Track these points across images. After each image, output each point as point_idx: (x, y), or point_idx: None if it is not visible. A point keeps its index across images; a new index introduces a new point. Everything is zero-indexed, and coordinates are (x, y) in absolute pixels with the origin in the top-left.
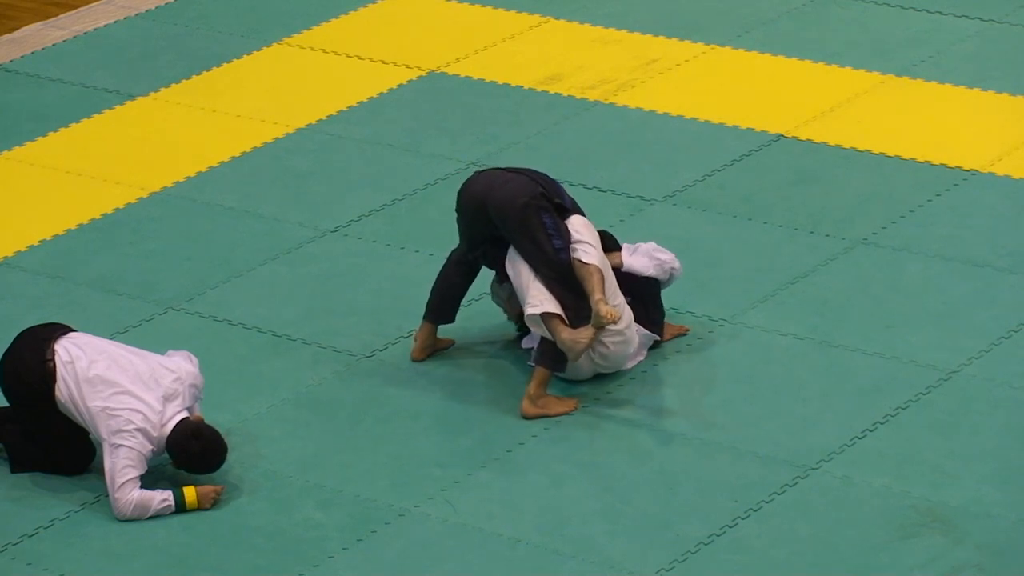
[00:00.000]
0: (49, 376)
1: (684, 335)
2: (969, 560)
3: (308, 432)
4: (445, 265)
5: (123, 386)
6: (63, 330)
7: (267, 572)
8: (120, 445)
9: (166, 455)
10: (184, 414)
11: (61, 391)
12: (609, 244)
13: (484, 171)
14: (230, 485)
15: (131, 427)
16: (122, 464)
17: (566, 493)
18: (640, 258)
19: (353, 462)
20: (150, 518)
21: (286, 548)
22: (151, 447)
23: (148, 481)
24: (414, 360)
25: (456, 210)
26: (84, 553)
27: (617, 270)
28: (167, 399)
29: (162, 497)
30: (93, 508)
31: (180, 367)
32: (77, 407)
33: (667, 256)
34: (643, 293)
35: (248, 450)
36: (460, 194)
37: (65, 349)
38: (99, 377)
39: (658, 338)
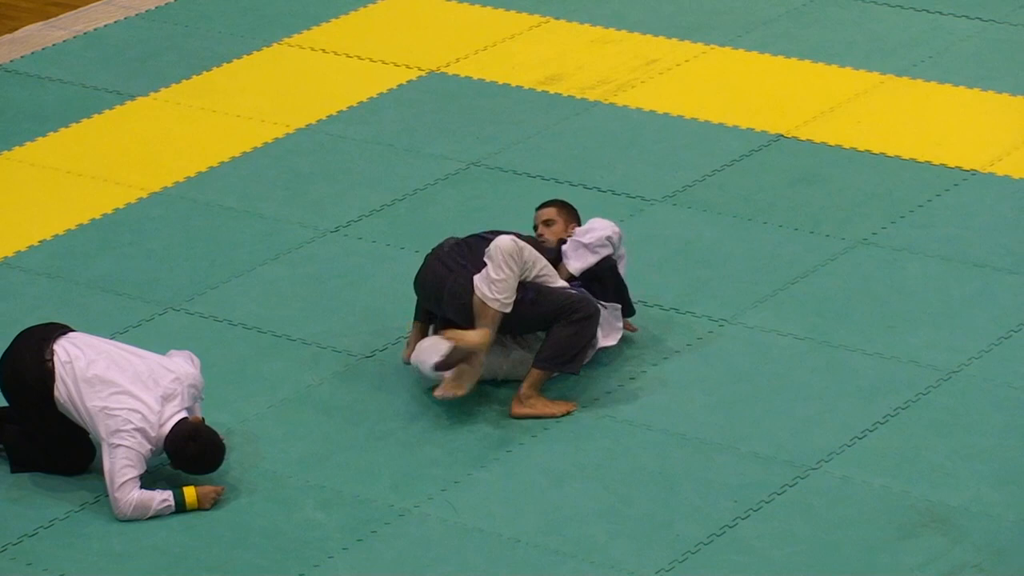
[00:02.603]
0: (48, 376)
1: (633, 332)
2: (969, 560)
3: (308, 432)
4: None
5: (122, 386)
6: (62, 330)
7: (267, 572)
8: (119, 445)
9: (165, 455)
10: (183, 414)
11: (60, 391)
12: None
13: (433, 260)
14: (230, 485)
15: (129, 427)
16: (121, 464)
17: (566, 493)
18: (581, 256)
19: (353, 462)
20: (150, 518)
21: (286, 548)
22: (150, 447)
23: (148, 481)
24: (406, 363)
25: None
26: (84, 553)
27: (573, 278)
28: (166, 399)
29: (162, 497)
30: (93, 508)
31: (179, 367)
32: (76, 407)
33: (594, 237)
34: (603, 276)
35: (248, 450)
36: (416, 280)
37: (64, 349)
38: (98, 377)
39: (618, 307)
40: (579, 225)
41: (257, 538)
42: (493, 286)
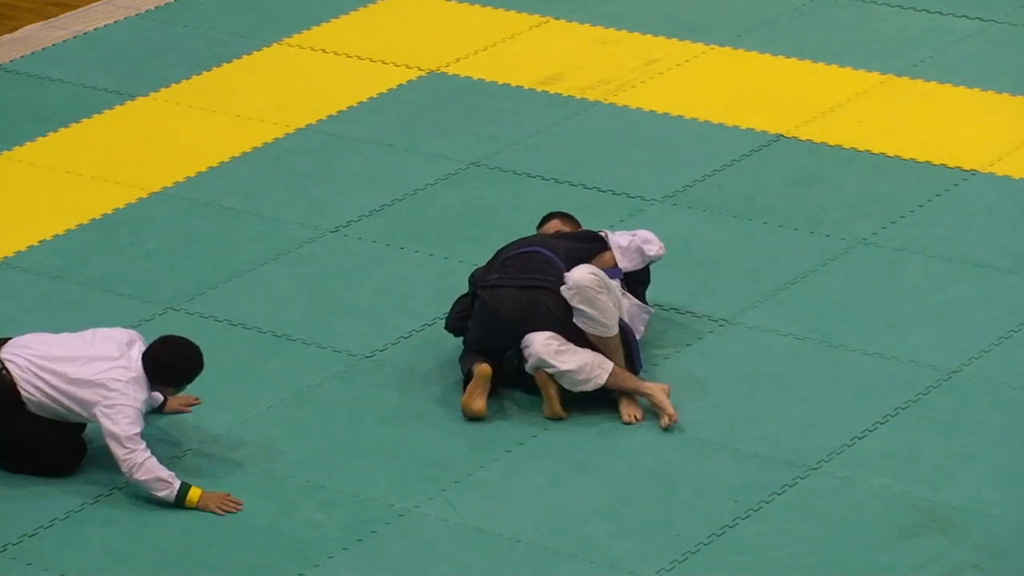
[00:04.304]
0: (10, 385)
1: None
2: (969, 560)
3: (308, 432)
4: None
5: (86, 356)
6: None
7: (267, 572)
8: (114, 404)
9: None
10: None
11: (29, 392)
12: (598, 245)
13: (500, 290)
14: (230, 485)
15: (119, 383)
16: (124, 421)
17: (566, 493)
18: (634, 258)
19: (353, 462)
20: (151, 507)
21: (286, 548)
22: (143, 397)
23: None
24: (473, 417)
25: (486, 327)
26: (84, 553)
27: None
28: (128, 345)
29: (170, 473)
30: (93, 508)
31: (117, 328)
32: (52, 398)
33: (654, 251)
34: (644, 279)
35: (248, 450)
36: (491, 311)
37: (11, 354)
38: (60, 358)
39: (652, 311)
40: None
41: (257, 538)
42: (600, 321)
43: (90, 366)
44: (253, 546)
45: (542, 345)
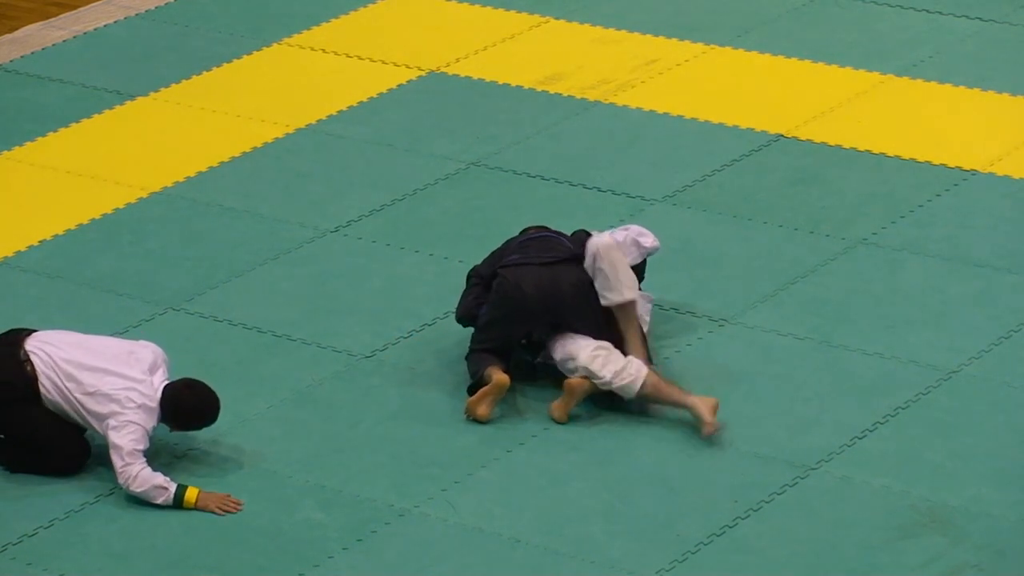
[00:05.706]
0: (31, 378)
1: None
2: (969, 560)
3: (308, 432)
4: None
5: (108, 369)
6: (27, 332)
7: (267, 572)
8: (128, 421)
9: (164, 426)
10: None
11: (48, 389)
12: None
13: (522, 267)
14: (230, 485)
15: (132, 405)
16: (129, 437)
17: (566, 493)
18: (631, 252)
19: (353, 462)
20: (151, 505)
21: (286, 548)
22: (153, 423)
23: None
24: (478, 419)
25: (506, 306)
26: (84, 553)
27: None
28: (151, 370)
29: (166, 479)
30: (93, 508)
31: (147, 344)
32: (67, 400)
33: (650, 244)
34: (640, 271)
35: (248, 450)
36: (512, 287)
37: (37, 348)
38: (82, 365)
39: (652, 296)
40: None
41: (257, 538)
42: (621, 281)
43: (110, 380)
44: (253, 546)
45: (589, 357)
